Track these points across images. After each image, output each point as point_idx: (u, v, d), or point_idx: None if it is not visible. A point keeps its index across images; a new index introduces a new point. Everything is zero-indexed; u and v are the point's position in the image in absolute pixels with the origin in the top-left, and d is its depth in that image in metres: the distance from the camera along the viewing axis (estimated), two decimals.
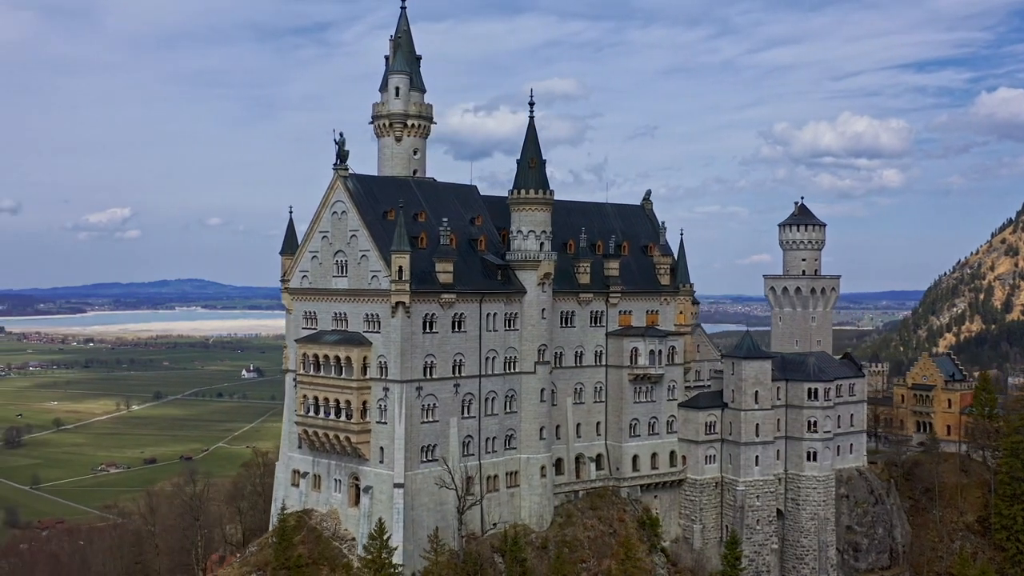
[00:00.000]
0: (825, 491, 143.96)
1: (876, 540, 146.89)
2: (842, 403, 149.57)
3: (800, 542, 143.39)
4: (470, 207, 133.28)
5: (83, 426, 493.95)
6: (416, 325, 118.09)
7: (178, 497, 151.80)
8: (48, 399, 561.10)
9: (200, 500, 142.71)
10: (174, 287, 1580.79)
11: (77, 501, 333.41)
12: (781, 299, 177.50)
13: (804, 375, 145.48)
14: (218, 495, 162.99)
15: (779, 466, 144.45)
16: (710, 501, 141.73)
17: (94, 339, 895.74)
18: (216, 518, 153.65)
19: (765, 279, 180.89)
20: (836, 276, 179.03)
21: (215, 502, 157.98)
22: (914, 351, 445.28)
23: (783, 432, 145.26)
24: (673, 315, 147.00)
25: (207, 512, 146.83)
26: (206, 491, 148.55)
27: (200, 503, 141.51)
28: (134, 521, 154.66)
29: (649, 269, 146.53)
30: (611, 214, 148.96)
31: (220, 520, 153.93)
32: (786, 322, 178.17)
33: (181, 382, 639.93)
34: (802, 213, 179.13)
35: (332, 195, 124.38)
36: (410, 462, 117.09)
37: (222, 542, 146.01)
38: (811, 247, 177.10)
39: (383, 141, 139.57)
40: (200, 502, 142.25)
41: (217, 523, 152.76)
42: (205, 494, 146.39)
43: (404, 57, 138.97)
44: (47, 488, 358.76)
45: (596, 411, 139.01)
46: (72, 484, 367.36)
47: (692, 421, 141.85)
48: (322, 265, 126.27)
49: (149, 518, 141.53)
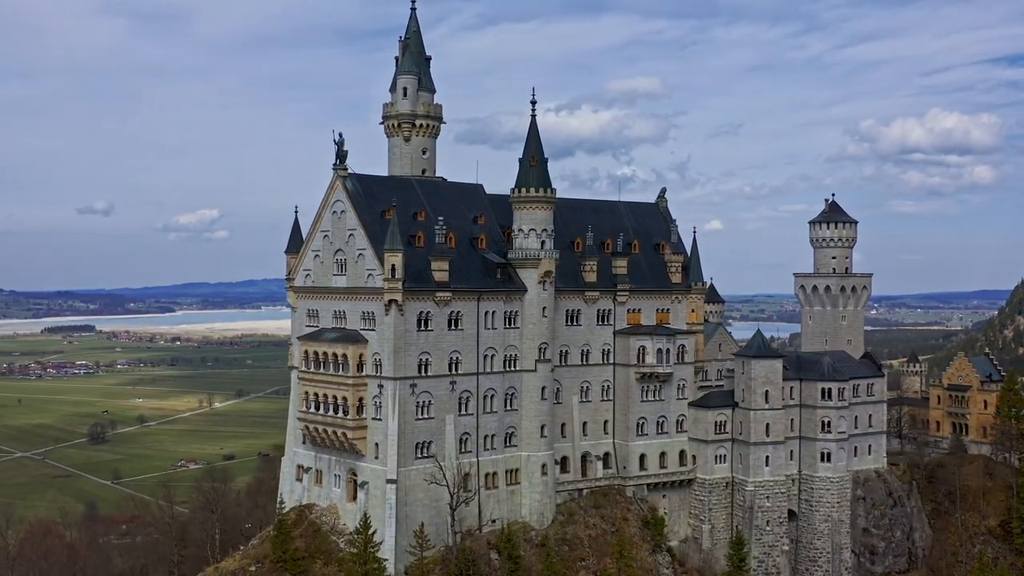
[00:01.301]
0: (839, 492, 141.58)
1: (894, 543, 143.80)
2: (859, 403, 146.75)
3: (813, 544, 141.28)
4: (474, 206, 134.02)
5: (166, 423, 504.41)
6: (410, 323, 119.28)
7: (204, 493, 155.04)
8: (134, 396, 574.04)
9: (219, 495, 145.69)
10: (260, 287, 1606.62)
11: (154, 496, 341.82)
12: (811, 298, 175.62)
13: (818, 375, 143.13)
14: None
15: (791, 467, 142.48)
16: (720, 501, 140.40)
17: (181, 338, 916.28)
18: (249, 511, 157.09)
19: (795, 277, 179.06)
20: (867, 274, 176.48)
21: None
22: (999, 352, 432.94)
23: (797, 432, 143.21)
24: (685, 313, 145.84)
25: (240, 506, 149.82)
26: (225, 487, 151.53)
27: (218, 497, 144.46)
28: (151, 513, 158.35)
29: (661, 267, 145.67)
30: (624, 212, 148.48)
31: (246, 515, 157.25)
32: (816, 321, 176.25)
33: (264, 380, 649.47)
34: (832, 210, 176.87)
35: (332, 195, 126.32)
36: (404, 458, 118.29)
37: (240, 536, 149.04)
38: (841, 245, 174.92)
39: (392, 141, 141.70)
40: (219, 496, 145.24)
41: (248, 517, 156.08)
42: (223, 490, 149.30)
43: (412, 58, 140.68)
44: (127, 483, 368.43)
45: (603, 409, 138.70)
46: (151, 479, 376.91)
47: (702, 420, 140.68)
48: (323, 264, 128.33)
49: (168, 511, 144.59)
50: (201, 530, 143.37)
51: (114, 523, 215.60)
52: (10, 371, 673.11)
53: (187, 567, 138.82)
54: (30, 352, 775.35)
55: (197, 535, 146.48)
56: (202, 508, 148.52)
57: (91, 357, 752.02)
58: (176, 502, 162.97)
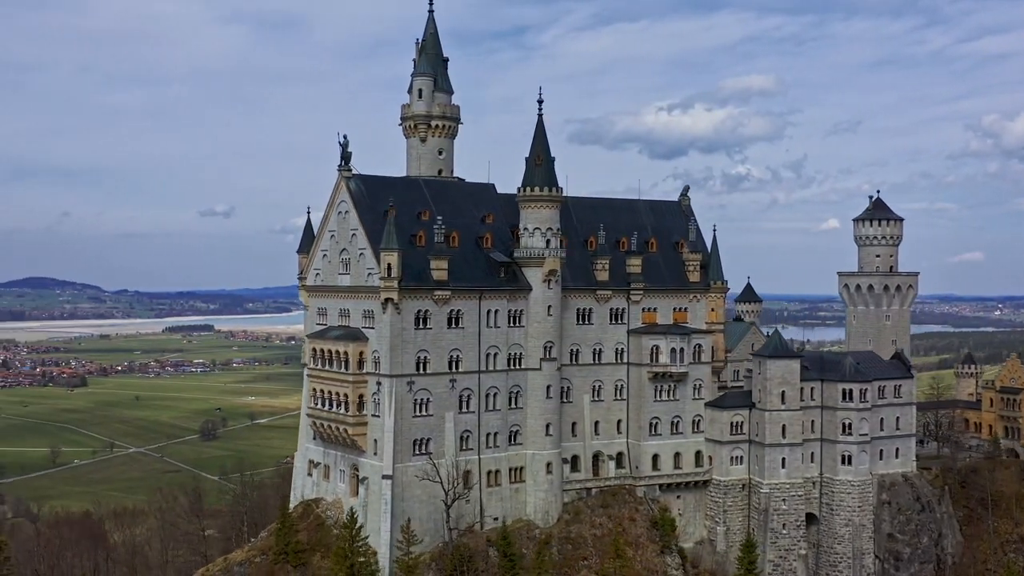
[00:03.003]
0: (860, 496, 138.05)
1: (920, 549, 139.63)
2: (886, 405, 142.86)
3: (834, 548, 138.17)
4: (483, 205, 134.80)
5: (276, 420, 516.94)
6: (407, 321, 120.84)
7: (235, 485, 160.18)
8: (246, 394, 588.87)
9: (247, 487, 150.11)
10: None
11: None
12: (855, 297, 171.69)
13: (839, 376, 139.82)
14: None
15: (811, 469, 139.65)
16: (735, 503, 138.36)
17: (296, 337, 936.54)
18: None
19: (839, 276, 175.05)
20: (914, 273, 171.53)
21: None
22: None
23: (818, 434, 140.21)
24: (704, 312, 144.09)
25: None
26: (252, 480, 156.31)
27: (245, 490, 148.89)
28: (181, 505, 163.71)
29: (679, 266, 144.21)
30: (643, 210, 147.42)
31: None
32: (860, 321, 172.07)
33: None
34: (877, 207, 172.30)
35: (337, 196, 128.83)
36: (401, 455, 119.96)
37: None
38: (886, 243, 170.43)
39: (410, 142, 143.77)
40: (247, 489, 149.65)
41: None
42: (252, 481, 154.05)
43: (428, 60, 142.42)
44: (234, 479, 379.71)
45: (617, 409, 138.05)
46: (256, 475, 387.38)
47: (717, 421, 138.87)
48: (331, 263, 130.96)
49: (196, 502, 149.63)
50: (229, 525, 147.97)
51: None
52: (130, 369, 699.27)
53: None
54: (151, 350, 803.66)
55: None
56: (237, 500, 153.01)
57: (208, 356, 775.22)
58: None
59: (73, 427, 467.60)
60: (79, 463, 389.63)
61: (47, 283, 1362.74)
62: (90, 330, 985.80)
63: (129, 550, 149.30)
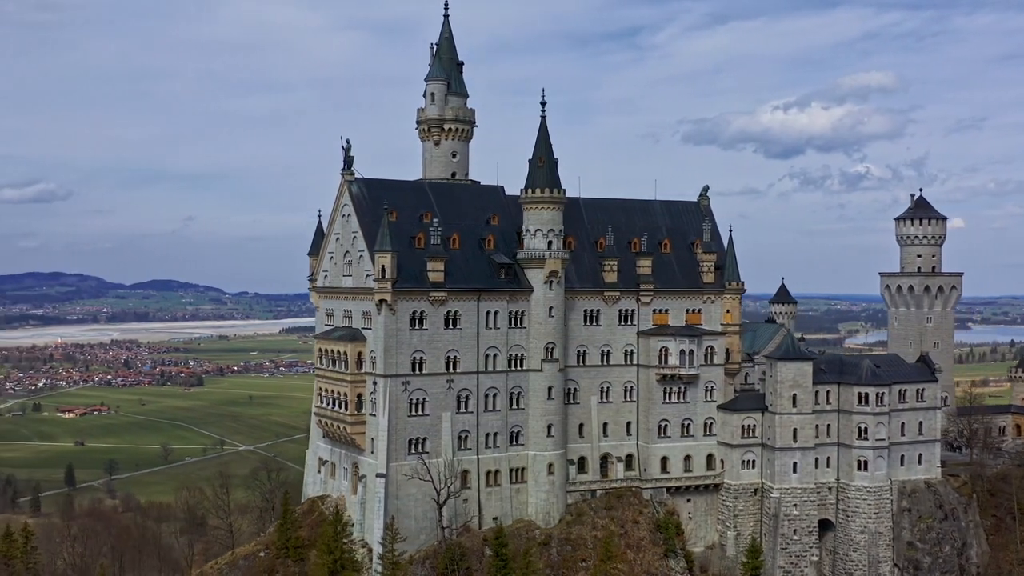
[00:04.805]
0: (877, 503, 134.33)
1: (941, 559, 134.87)
2: (907, 409, 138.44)
3: (849, 556, 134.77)
4: (489, 207, 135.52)
5: None
6: (402, 322, 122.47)
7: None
8: None
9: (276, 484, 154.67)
10: None
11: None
12: (896, 298, 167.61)
13: (856, 378, 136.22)
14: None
15: (826, 474, 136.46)
16: (747, 508, 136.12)
17: None
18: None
19: (880, 277, 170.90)
20: (958, 273, 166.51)
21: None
22: None
23: (834, 439, 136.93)
24: (719, 314, 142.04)
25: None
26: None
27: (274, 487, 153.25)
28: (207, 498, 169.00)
29: (694, 267, 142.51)
30: (659, 211, 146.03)
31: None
32: (901, 322, 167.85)
33: None
34: (919, 206, 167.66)
35: (341, 199, 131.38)
36: (396, 453, 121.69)
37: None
38: (929, 242, 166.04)
39: (425, 145, 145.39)
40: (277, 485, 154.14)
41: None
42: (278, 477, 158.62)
43: (442, 64, 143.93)
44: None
45: (626, 411, 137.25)
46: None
47: (729, 424, 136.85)
48: (336, 265, 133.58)
49: (222, 496, 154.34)
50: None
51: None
52: (246, 369, 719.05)
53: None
54: (267, 350, 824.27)
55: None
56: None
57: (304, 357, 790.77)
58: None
59: (187, 425, 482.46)
60: (190, 460, 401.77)
61: (171, 285, 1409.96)
62: (210, 331, 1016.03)
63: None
